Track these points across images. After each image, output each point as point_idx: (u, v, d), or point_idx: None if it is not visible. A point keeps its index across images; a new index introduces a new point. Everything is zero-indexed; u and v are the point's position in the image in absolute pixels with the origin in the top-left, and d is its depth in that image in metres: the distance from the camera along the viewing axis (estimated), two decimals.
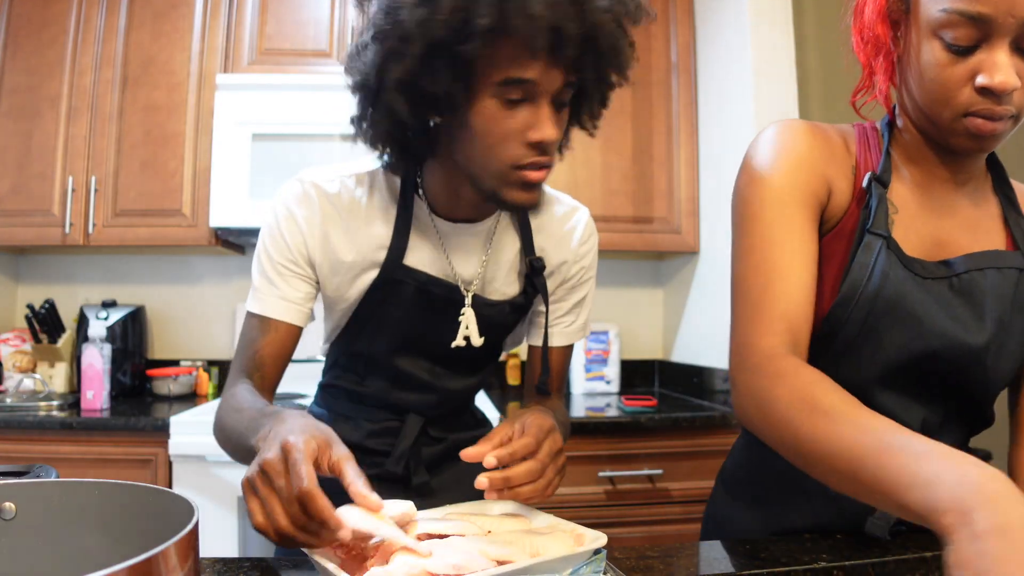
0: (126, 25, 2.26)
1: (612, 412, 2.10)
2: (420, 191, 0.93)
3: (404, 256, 0.91)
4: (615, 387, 2.55)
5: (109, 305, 2.36)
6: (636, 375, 2.74)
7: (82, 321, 2.35)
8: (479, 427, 1.11)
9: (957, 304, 0.78)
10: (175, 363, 2.48)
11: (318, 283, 0.93)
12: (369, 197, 0.92)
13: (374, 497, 0.62)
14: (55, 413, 1.96)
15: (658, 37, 2.46)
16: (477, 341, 0.95)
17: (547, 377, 1.03)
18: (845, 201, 0.80)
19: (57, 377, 2.31)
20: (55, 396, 2.10)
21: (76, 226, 2.20)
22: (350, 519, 0.60)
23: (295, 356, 0.96)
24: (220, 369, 2.52)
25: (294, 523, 0.60)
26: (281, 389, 1.82)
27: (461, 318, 0.94)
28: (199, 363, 2.46)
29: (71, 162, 2.20)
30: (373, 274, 0.92)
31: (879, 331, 0.76)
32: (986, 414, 0.84)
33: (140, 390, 2.40)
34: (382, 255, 0.91)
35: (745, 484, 0.94)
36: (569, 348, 1.09)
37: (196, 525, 0.44)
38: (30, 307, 2.24)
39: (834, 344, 0.78)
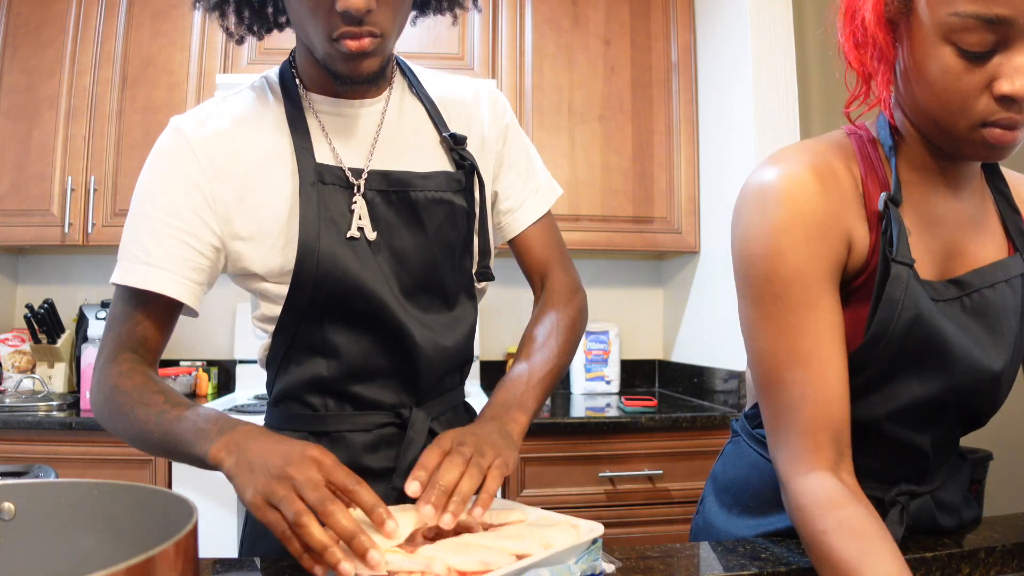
0: (125, 25, 2.25)
1: (612, 412, 2.10)
2: (294, 71, 0.90)
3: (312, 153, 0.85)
4: (615, 387, 2.55)
5: (108, 305, 2.35)
6: (636, 375, 2.74)
7: (81, 321, 2.35)
8: None
9: (973, 326, 0.75)
10: (175, 363, 2.48)
11: (215, 246, 0.85)
12: (253, 106, 0.89)
13: (391, 525, 0.62)
14: (54, 413, 1.96)
15: (658, 37, 2.46)
16: (371, 235, 0.86)
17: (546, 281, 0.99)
18: (866, 243, 0.73)
19: (56, 377, 2.31)
20: (54, 396, 2.09)
21: (75, 226, 2.20)
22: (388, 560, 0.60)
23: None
24: (220, 369, 2.52)
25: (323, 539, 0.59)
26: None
27: (354, 206, 0.86)
28: (199, 363, 2.45)
29: (70, 162, 2.20)
30: (287, 189, 0.85)
31: (908, 369, 0.72)
32: (984, 422, 0.82)
33: None
34: (286, 163, 0.85)
35: (735, 491, 0.92)
36: (549, 221, 1.03)
37: (196, 525, 0.44)
38: (29, 307, 2.24)
39: (856, 380, 0.72)
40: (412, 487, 0.66)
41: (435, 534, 0.67)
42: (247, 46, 2.29)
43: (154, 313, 0.85)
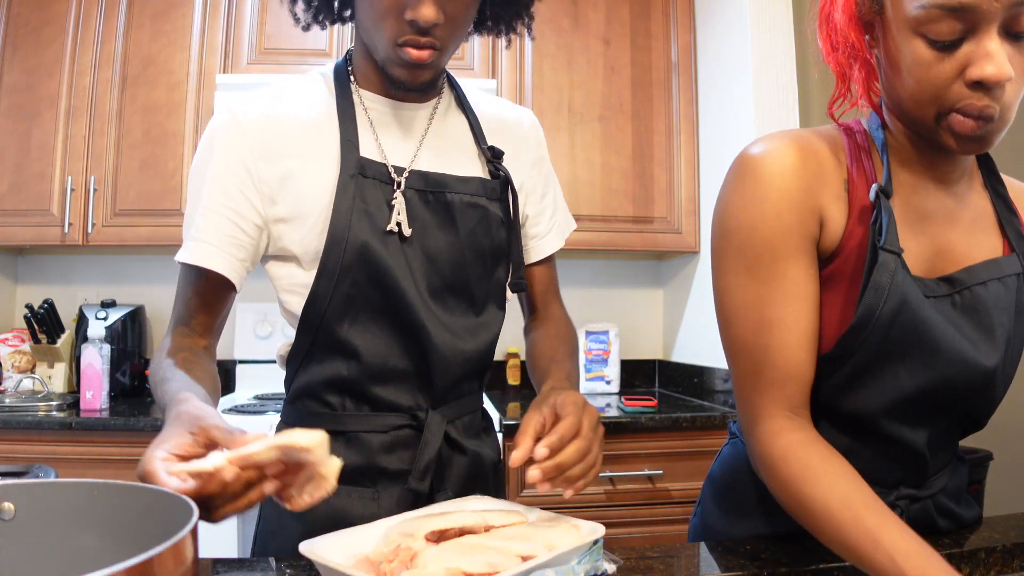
0: (125, 25, 2.25)
1: (612, 412, 2.10)
2: (349, 68, 0.94)
3: (359, 147, 0.88)
4: (615, 387, 2.55)
5: (108, 305, 2.35)
6: (636, 375, 2.74)
7: (81, 321, 2.35)
8: (491, 434, 1.04)
9: (964, 323, 0.75)
10: None
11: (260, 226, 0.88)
12: (305, 94, 0.92)
13: (247, 440, 0.59)
14: (54, 413, 1.96)
15: (658, 37, 2.46)
16: (407, 231, 0.87)
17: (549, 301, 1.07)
18: (840, 226, 0.75)
19: (56, 377, 2.31)
20: (54, 396, 2.09)
21: (75, 226, 2.20)
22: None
23: None
24: (219, 369, 2.52)
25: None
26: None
27: (394, 201, 0.87)
28: None
29: (70, 162, 2.20)
30: (330, 181, 0.86)
31: (894, 358, 0.73)
32: (983, 422, 0.82)
33: (139, 390, 2.40)
34: (332, 152, 0.88)
35: (732, 493, 0.91)
36: (552, 263, 1.09)
37: (196, 525, 0.44)
38: (29, 307, 2.24)
39: (844, 369, 0.74)
40: (540, 451, 0.68)
41: (438, 536, 0.67)
42: (247, 46, 2.29)
43: (204, 289, 0.88)
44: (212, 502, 0.58)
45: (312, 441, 0.58)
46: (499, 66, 2.37)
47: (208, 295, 0.89)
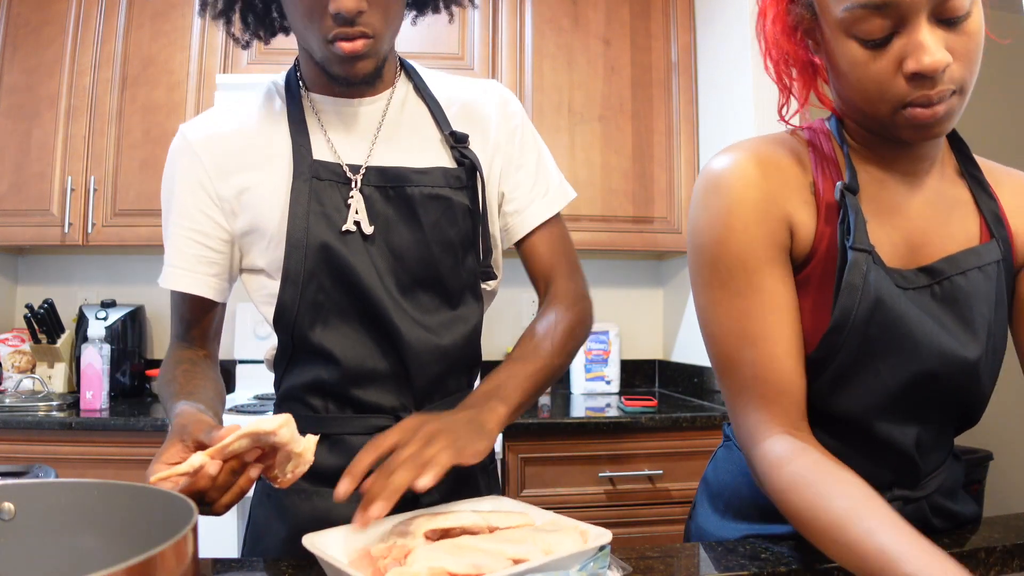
0: (125, 25, 2.25)
1: (612, 412, 2.10)
2: (298, 75, 0.93)
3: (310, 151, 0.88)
4: (615, 387, 2.55)
5: (108, 305, 2.35)
6: (636, 375, 2.74)
7: (81, 321, 2.35)
8: None
9: (943, 315, 0.74)
10: None
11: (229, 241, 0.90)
12: (255, 108, 0.92)
13: (223, 435, 0.64)
14: (54, 413, 1.96)
15: (658, 37, 2.46)
16: (368, 229, 0.86)
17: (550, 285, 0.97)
18: (811, 229, 0.75)
19: (56, 377, 2.31)
20: (54, 396, 2.09)
21: (75, 226, 2.20)
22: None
23: None
24: (219, 369, 2.51)
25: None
26: None
27: (350, 200, 0.87)
28: None
29: (70, 162, 2.20)
30: (283, 185, 0.87)
31: (875, 356, 0.73)
32: (975, 418, 0.81)
33: (139, 390, 2.40)
34: (285, 161, 0.88)
35: (726, 496, 0.91)
36: (559, 229, 1.00)
37: (196, 525, 0.44)
38: (29, 307, 2.24)
39: (827, 371, 0.74)
40: (346, 487, 0.66)
41: (440, 536, 0.67)
42: None
43: (188, 307, 0.92)
44: (208, 496, 0.64)
45: (275, 424, 0.64)
46: (499, 66, 2.37)
47: (193, 313, 0.93)
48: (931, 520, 0.82)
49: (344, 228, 0.85)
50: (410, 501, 0.86)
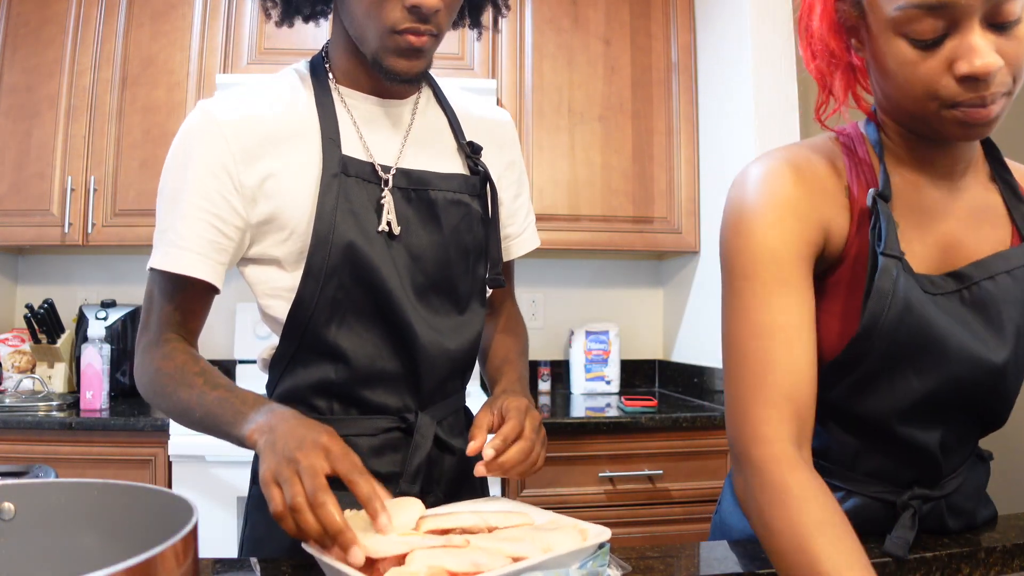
0: (125, 25, 2.25)
1: (612, 412, 2.10)
2: (327, 66, 0.91)
3: (340, 144, 0.86)
4: (615, 387, 2.55)
5: (108, 305, 2.35)
6: (636, 375, 2.74)
7: (81, 321, 2.35)
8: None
9: (972, 319, 0.74)
10: None
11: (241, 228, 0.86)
12: (283, 94, 0.90)
13: (383, 520, 0.64)
14: (54, 413, 1.96)
15: (658, 37, 2.46)
16: (397, 230, 0.87)
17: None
18: (844, 234, 0.75)
19: (56, 377, 2.31)
20: (54, 396, 2.09)
21: (75, 226, 2.20)
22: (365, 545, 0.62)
23: None
24: (219, 369, 2.51)
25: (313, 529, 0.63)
26: None
27: (383, 201, 0.86)
28: None
29: (70, 162, 2.20)
30: (312, 180, 0.85)
31: (902, 361, 0.72)
32: (1001, 420, 0.81)
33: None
34: (313, 151, 0.86)
35: None
36: (512, 263, 1.11)
37: (196, 525, 0.44)
38: (29, 307, 2.24)
39: (853, 374, 0.73)
40: (488, 452, 0.77)
41: (440, 535, 0.67)
42: (247, 46, 2.29)
43: (191, 296, 0.87)
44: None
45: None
46: (499, 66, 2.37)
47: (193, 302, 0.88)
48: (947, 521, 0.81)
49: (379, 229, 0.86)
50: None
